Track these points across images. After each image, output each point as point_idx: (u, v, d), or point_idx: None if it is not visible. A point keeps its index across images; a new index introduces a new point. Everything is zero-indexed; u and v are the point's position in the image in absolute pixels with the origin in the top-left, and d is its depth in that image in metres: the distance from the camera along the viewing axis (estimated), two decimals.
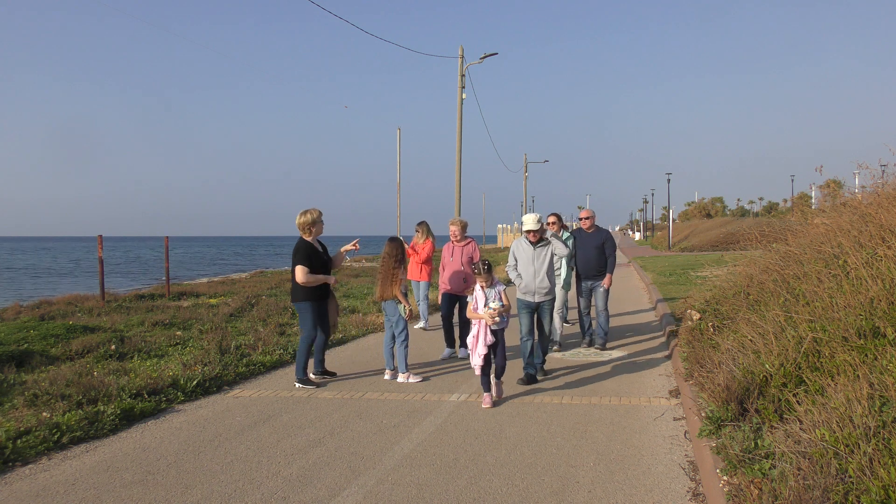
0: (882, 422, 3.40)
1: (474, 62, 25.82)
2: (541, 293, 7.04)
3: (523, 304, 7.11)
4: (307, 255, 6.97)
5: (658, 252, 40.36)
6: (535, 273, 7.02)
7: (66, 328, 9.94)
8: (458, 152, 25.54)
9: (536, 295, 7.02)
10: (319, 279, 7.03)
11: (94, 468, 4.72)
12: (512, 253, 7.25)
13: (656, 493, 4.09)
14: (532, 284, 7.02)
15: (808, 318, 4.88)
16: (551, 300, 7.12)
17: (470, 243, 8.55)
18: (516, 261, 7.16)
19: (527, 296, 7.08)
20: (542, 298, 7.06)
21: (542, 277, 7.01)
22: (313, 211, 7.16)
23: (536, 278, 7.01)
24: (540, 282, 7.01)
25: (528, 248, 7.07)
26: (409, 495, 4.13)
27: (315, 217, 7.14)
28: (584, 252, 8.89)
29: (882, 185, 6.71)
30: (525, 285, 7.05)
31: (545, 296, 7.05)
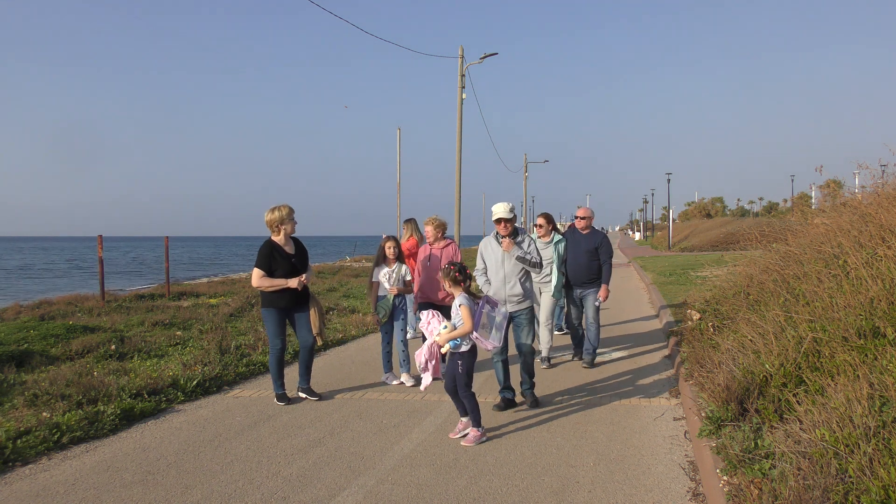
0: (882, 422, 3.40)
1: (474, 62, 25.83)
2: (513, 302, 5.96)
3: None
4: (266, 256, 6.23)
5: (658, 252, 40.37)
6: (504, 278, 5.97)
7: (66, 328, 9.94)
8: (458, 152, 25.54)
9: (508, 304, 5.93)
10: (276, 283, 6.19)
11: (94, 468, 4.72)
12: (480, 254, 6.17)
13: (656, 493, 4.09)
14: (502, 292, 5.94)
15: (808, 318, 4.89)
16: (527, 310, 6.05)
17: (449, 245, 7.50)
18: (485, 264, 6.13)
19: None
20: (514, 308, 5.96)
21: (515, 283, 5.95)
22: (282, 207, 6.37)
23: (507, 284, 5.95)
24: (511, 288, 5.95)
25: (497, 247, 6.06)
26: (409, 495, 4.13)
27: (284, 214, 6.33)
28: (575, 255, 7.89)
29: (882, 185, 6.71)
30: (493, 293, 5.95)
31: (518, 304, 5.97)
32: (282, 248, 6.33)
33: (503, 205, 5.96)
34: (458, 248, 7.57)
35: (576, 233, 8.08)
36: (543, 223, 7.89)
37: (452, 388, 5.26)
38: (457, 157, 25.55)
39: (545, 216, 7.94)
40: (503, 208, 5.94)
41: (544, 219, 7.93)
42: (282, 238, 6.37)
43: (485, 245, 6.16)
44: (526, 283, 6.03)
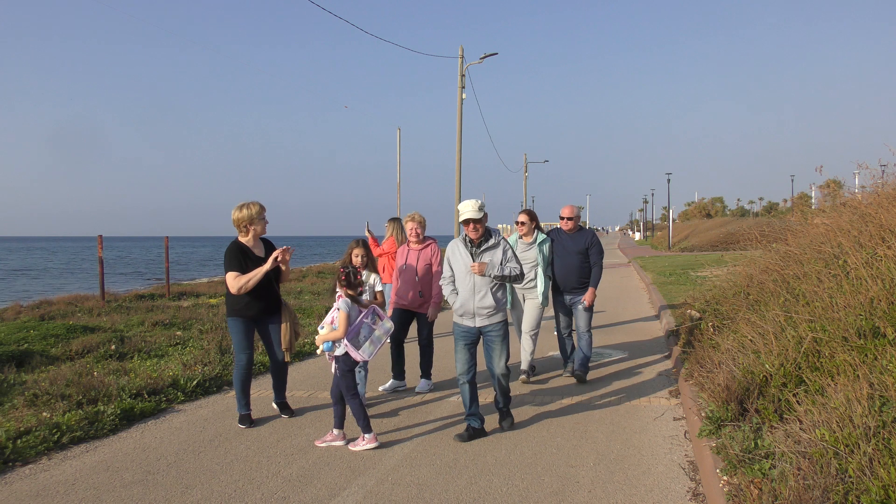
0: (882, 422, 3.40)
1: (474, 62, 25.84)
2: (482, 315, 5.20)
3: (460, 331, 5.30)
4: (237, 256, 5.59)
5: (658, 252, 40.37)
6: (473, 288, 5.18)
7: (66, 328, 9.94)
8: (458, 152, 25.55)
9: (477, 318, 5.21)
10: (255, 274, 5.54)
11: (94, 468, 4.72)
12: (447, 260, 5.42)
13: (656, 493, 4.09)
14: (469, 303, 5.20)
15: (808, 318, 4.89)
16: (500, 325, 5.27)
17: (429, 246, 6.90)
18: (452, 271, 5.37)
19: (464, 319, 5.27)
20: (485, 322, 5.22)
21: (485, 293, 5.17)
22: (251, 205, 5.73)
23: (476, 295, 5.18)
24: (481, 299, 5.17)
25: (465, 252, 5.27)
26: (409, 495, 4.13)
27: (253, 213, 5.71)
28: (563, 258, 7.13)
29: (882, 185, 6.71)
30: (460, 304, 5.24)
31: (489, 318, 5.21)
32: (251, 251, 5.69)
33: (471, 203, 5.17)
34: (439, 249, 6.93)
35: (562, 234, 7.29)
36: (526, 220, 7.14)
37: (337, 392, 5.12)
38: (457, 157, 25.55)
39: (528, 213, 7.22)
40: (471, 207, 5.15)
41: (527, 216, 7.19)
42: (250, 239, 5.74)
43: (452, 250, 5.39)
44: (498, 294, 5.25)
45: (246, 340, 5.71)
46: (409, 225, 6.99)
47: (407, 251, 6.95)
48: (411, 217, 7.02)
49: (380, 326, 5.15)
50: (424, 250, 6.85)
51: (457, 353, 5.28)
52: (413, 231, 6.93)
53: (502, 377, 5.31)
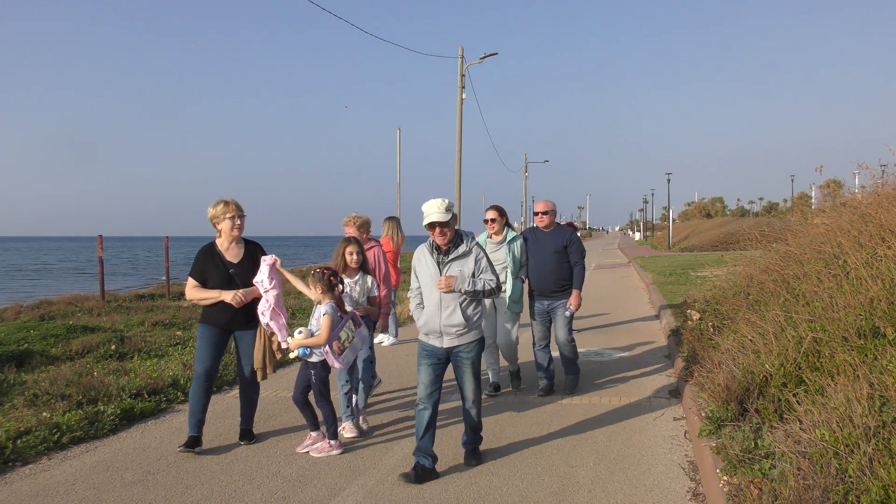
0: (882, 422, 3.40)
1: (474, 62, 25.87)
2: (451, 334, 4.48)
3: (424, 350, 4.57)
4: (199, 262, 5.07)
5: (658, 252, 40.38)
6: (440, 302, 4.47)
7: (66, 328, 9.94)
8: (458, 152, 25.55)
9: (445, 337, 4.49)
10: (208, 296, 4.98)
11: (94, 468, 4.72)
12: (413, 270, 4.70)
13: (656, 493, 4.09)
14: (435, 320, 4.47)
15: (808, 318, 4.89)
16: (473, 346, 4.54)
17: (372, 249, 6.30)
18: (419, 282, 4.66)
19: (430, 338, 4.55)
20: (454, 342, 4.50)
21: (454, 309, 4.45)
22: (217, 203, 5.08)
23: (443, 311, 4.46)
24: (449, 316, 4.45)
25: (431, 261, 4.54)
26: (409, 495, 4.13)
27: (216, 212, 5.07)
28: (539, 259, 6.40)
29: (882, 185, 6.71)
30: (425, 321, 4.54)
31: (459, 337, 4.49)
32: (220, 254, 5.06)
33: (435, 203, 4.40)
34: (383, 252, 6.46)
35: (537, 232, 6.57)
36: (496, 217, 6.35)
37: (301, 397, 4.95)
38: (457, 158, 25.56)
39: (496, 209, 6.41)
40: (436, 207, 4.38)
41: (496, 212, 6.37)
42: (223, 241, 5.12)
43: (417, 258, 4.65)
44: (469, 309, 4.51)
45: (208, 350, 5.04)
46: (348, 230, 6.35)
47: None
48: (350, 220, 6.39)
49: (357, 334, 4.98)
50: (368, 253, 6.12)
51: (419, 375, 4.53)
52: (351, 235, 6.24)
53: (473, 406, 4.59)
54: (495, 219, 6.35)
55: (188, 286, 5.10)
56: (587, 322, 11.35)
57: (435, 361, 4.51)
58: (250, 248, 5.18)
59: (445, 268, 4.46)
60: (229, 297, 4.93)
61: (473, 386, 4.57)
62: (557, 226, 6.61)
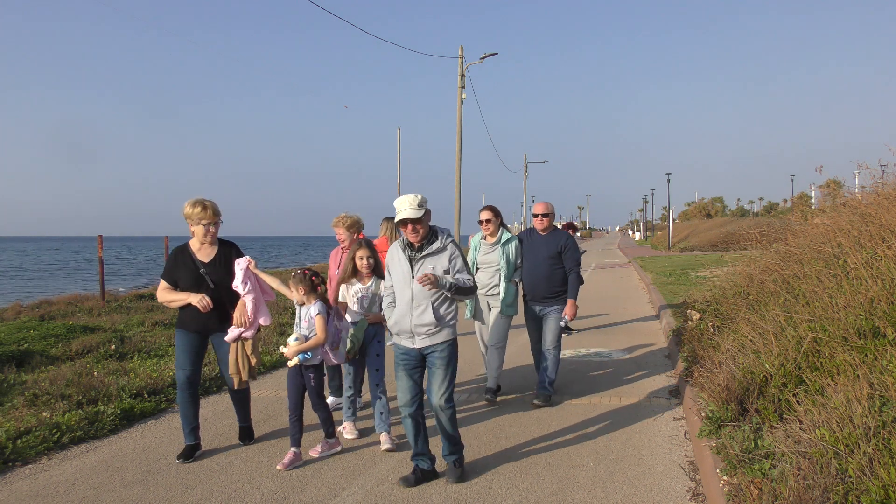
0: (882, 422, 3.40)
1: (474, 62, 25.87)
2: (421, 334, 4.27)
3: (399, 353, 4.40)
4: (170, 263, 4.92)
5: (658, 252, 40.38)
6: (411, 301, 4.27)
7: (66, 328, 9.94)
8: (458, 152, 25.56)
9: (416, 337, 4.28)
10: (176, 299, 4.82)
11: (94, 468, 4.72)
12: (386, 267, 4.54)
13: (656, 493, 4.09)
14: (406, 320, 4.27)
15: (808, 318, 4.89)
16: (445, 346, 4.30)
17: None
18: (392, 280, 4.46)
19: (401, 338, 4.37)
20: (425, 342, 4.28)
21: (425, 308, 4.24)
22: (199, 207, 4.85)
23: (414, 310, 4.26)
24: (420, 315, 4.24)
25: (404, 259, 4.34)
26: (409, 495, 4.13)
27: (187, 212, 4.86)
28: (532, 262, 6.18)
29: (882, 185, 6.71)
30: (395, 321, 4.34)
31: (430, 337, 4.27)
32: (192, 254, 4.90)
33: (408, 198, 4.19)
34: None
35: (534, 234, 6.38)
36: (490, 217, 6.15)
37: (298, 410, 4.74)
38: (457, 158, 25.56)
39: (491, 209, 6.22)
40: (407, 203, 4.17)
41: (490, 212, 6.18)
42: (195, 241, 4.96)
43: (391, 255, 4.46)
44: (442, 309, 4.28)
45: (185, 356, 4.87)
46: (338, 230, 6.00)
47: (339, 256, 6.06)
48: (339, 220, 5.99)
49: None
50: None
51: (397, 381, 4.36)
52: (339, 237, 6.00)
53: (442, 411, 4.30)
54: (490, 219, 6.15)
55: (159, 288, 4.95)
56: (587, 322, 11.35)
57: (411, 366, 4.34)
58: (224, 248, 4.98)
59: (418, 265, 4.27)
60: (195, 300, 4.73)
61: (444, 390, 4.28)
62: (554, 229, 6.40)
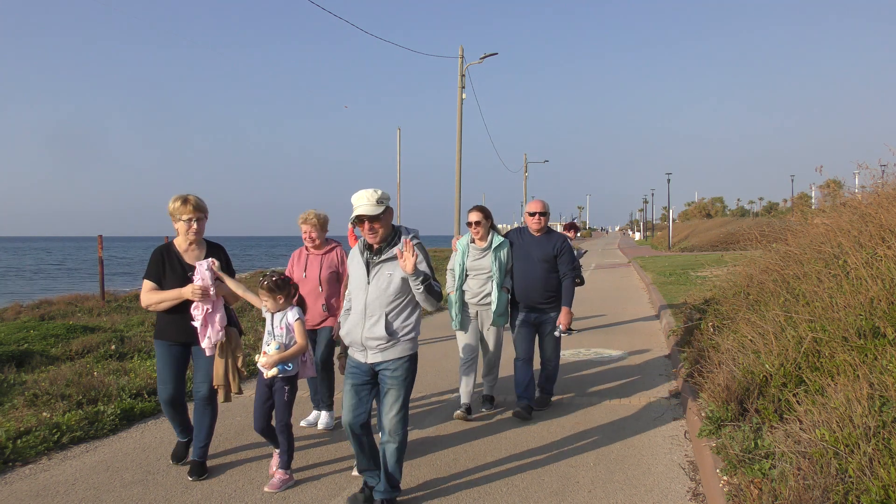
0: (882, 422, 3.40)
1: (474, 62, 25.86)
2: (373, 348, 3.83)
3: (350, 366, 3.98)
4: (155, 263, 4.52)
5: (658, 252, 40.38)
6: (364, 310, 3.85)
7: (66, 328, 9.94)
8: (458, 152, 25.55)
9: (368, 351, 3.85)
10: (167, 297, 4.43)
11: (94, 468, 4.72)
12: (349, 268, 4.14)
13: (656, 492, 4.09)
14: (357, 330, 3.86)
15: (808, 318, 4.89)
16: (400, 363, 3.83)
17: (334, 250, 5.60)
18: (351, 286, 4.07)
19: (353, 350, 3.96)
20: (377, 357, 3.83)
21: (378, 318, 3.80)
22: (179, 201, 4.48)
23: (367, 320, 3.83)
24: (371, 326, 3.81)
25: (360, 261, 3.94)
26: (408, 495, 4.12)
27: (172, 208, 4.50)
28: (525, 266, 5.70)
29: (882, 185, 6.71)
30: (346, 331, 3.95)
31: (381, 352, 3.82)
32: (178, 256, 4.54)
33: (365, 193, 3.77)
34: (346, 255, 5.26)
35: (525, 235, 5.84)
36: (481, 219, 5.64)
37: (266, 425, 4.35)
38: (457, 158, 25.55)
39: (481, 210, 5.70)
40: (365, 199, 3.75)
41: (481, 214, 5.66)
42: (181, 242, 4.59)
43: (351, 258, 4.06)
44: (398, 321, 3.83)
45: (168, 371, 4.57)
46: (303, 228, 5.56)
47: (305, 257, 5.62)
48: (306, 217, 5.56)
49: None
50: (329, 255, 5.57)
51: (343, 396, 3.95)
52: (307, 235, 5.54)
53: (391, 438, 3.83)
54: (480, 221, 5.63)
55: (143, 290, 4.51)
56: (587, 322, 11.35)
57: (360, 380, 3.90)
58: (212, 250, 4.63)
59: (375, 269, 3.85)
60: (188, 292, 4.38)
61: (395, 413, 3.81)
62: (549, 230, 5.89)
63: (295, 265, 5.65)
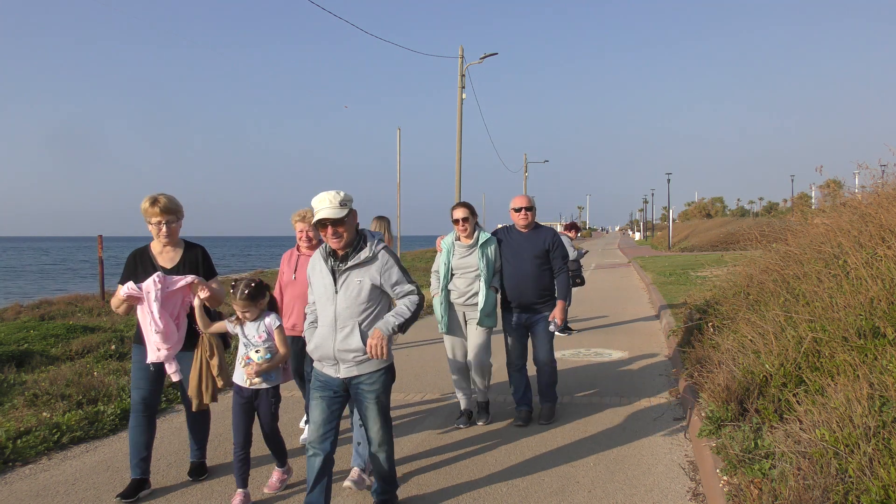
0: (882, 422, 3.40)
1: (474, 62, 25.86)
2: (348, 362, 3.59)
3: (317, 381, 3.71)
4: (128, 266, 4.29)
5: (658, 252, 40.39)
6: (334, 321, 3.60)
7: (66, 328, 9.94)
8: (458, 152, 25.55)
9: (341, 365, 3.60)
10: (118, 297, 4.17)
11: (94, 468, 4.72)
12: (308, 280, 3.84)
13: (656, 493, 4.09)
14: (328, 343, 3.60)
15: (808, 318, 4.89)
16: (377, 375, 3.62)
17: None
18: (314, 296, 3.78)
19: (323, 365, 3.68)
20: (352, 372, 3.60)
21: (352, 329, 3.57)
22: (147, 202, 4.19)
23: (338, 332, 3.58)
24: (345, 339, 3.57)
25: (325, 269, 3.66)
26: (409, 495, 4.13)
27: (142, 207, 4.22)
28: (516, 264, 5.45)
29: (882, 185, 6.71)
30: (315, 345, 3.66)
31: (357, 366, 3.59)
32: (152, 258, 4.28)
33: (327, 196, 3.54)
34: None
35: (513, 233, 5.60)
36: (468, 216, 5.40)
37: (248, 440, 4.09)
38: (457, 158, 25.55)
39: (466, 206, 5.46)
40: (327, 201, 3.52)
41: (467, 210, 5.42)
42: (156, 244, 4.33)
43: (311, 265, 3.78)
44: (362, 329, 3.60)
45: (142, 374, 4.24)
46: (298, 226, 5.16)
47: (296, 259, 5.25)
48: (301, 216, 5.11)
49: None
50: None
51: (310, 411, 3.68)
52: (303, 234, 5.17)
53: (381, 450, 3.69)
54: (467, 218, 5.38)
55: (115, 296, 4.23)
56: (587, 322, 11.35)
57: (329, 395, 3.63)
58: (191, 251, 4.33)
59: (342, 277, 3.59)
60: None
61: (380, 425, 3.66)
62: (537, 225, 5.65)
63: (285, 267, 5.33)
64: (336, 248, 3.60)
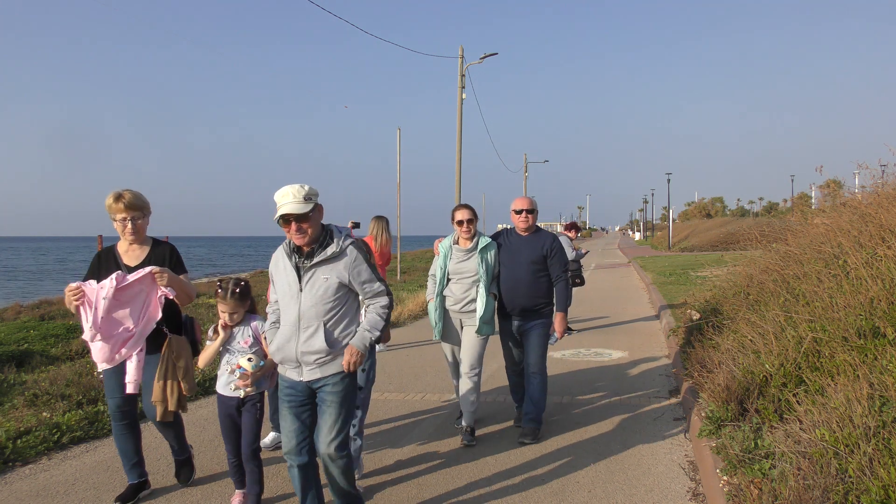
0: (882, 422, 3.40)
1: (474, 62, 25.86)
2: (310, 364, 3.40)
3: (284, 388, 3.51)
4: (91, 267, 4.13)
5: (658, 252, 40.39)
6: (297, 321, 3.40)
7: (66, 328, 9.94)
8: (458, 152, 25.55)
9: (304, 368, 3.41)
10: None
11: (94, 468, 4.72)
12: (270, 278, 3.67)
13: (656, 492, 4.09)
14: (291, 345, 3.41)
15: (808, 318, 4.89)
16: (339, 378, 3.41)
17: None
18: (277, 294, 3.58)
19: (286, 368, 3.49)
20: (315, 374, 3.40)
21: (316, 330, 3.38)
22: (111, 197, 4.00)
23: (301, 332, 3.39)
24: (307, 339, 3.38)
25: (289, 266, 3.46)
26: (409, 495, 4.13)
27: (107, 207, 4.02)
28: (512, 268, 5.22)
29: (882, 185, 6.71)
30: (277, 347, 3.48)
31: (320, 368, 3.40)
32: (117, 257, 4.08)
33: (290, 190, 3.35)
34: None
35: (512, 235, 5.38)
36: (472, 218, 5.19)
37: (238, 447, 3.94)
38: (457, 157, 25.55)
39: (468, 208, 5.23)
40: (290, 196, 3.34)
41: (470, 212, 5.20)
42: (123, 243, 4.12)
43: (274, 263, 3.57)
44: (338, 330, 3.43)
45: (114, 381, 4.01)
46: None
47: None
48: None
49: None
50: None
51: (281, 422, 3.52)
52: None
53: (332, 462, 3.42)
54: (471, 220, 5.17)
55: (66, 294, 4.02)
56: (587, 322, 11.35)
57: (298, 401, 3.45)
58: (158, 248, 4.14)
59: (307, 274, 3.39)
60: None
61: (333, 432, 3.38)
62: (538, 229, 5.43)
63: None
64: (300, 245, 3.42)
